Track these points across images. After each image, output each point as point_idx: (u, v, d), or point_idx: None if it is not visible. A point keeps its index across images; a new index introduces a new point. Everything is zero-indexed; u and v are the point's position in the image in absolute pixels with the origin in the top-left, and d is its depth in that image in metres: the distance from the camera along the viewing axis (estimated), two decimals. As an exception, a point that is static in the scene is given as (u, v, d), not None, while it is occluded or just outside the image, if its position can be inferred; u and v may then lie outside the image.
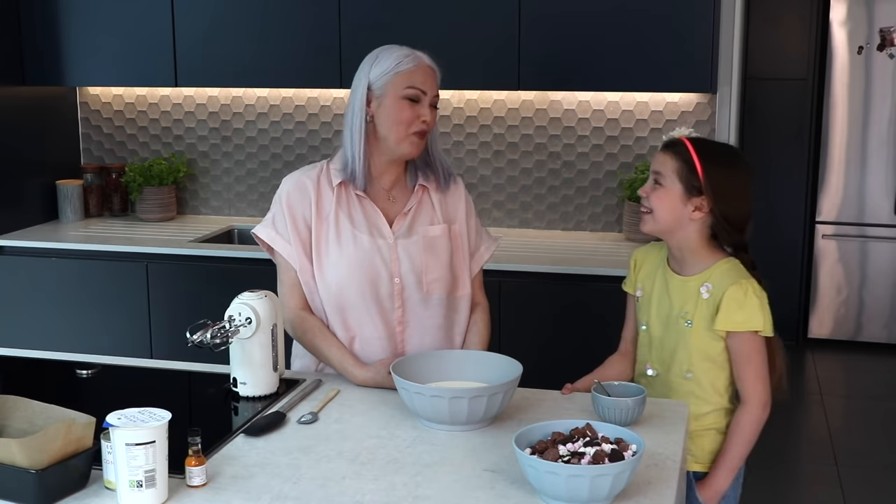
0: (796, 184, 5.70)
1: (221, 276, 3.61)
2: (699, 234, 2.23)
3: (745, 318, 2.17)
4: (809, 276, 5.70)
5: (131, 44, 3.89)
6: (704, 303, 2.21)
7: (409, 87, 2.29)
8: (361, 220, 2.34)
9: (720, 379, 2.26)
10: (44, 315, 3.82)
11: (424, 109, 2.30)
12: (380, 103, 2.30)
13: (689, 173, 2.19)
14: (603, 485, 1.64)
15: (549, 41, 3.51)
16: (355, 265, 2.31)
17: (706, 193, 2.18)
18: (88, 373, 2.37)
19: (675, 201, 2.20)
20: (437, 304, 2.38)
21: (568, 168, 3.90)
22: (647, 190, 2.24)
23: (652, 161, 2.28)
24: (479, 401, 1.96)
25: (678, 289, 2.26)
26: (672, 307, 2.26)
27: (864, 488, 3.93)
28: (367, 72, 2.32)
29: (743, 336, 2.20)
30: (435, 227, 2.39)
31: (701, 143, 2.24)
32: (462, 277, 2.43)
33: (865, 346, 5.65)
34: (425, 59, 2.33)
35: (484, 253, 2.51)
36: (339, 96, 4.04)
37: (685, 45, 3.42)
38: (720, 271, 2.22)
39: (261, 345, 2.18)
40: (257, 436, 1.97)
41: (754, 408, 2.23)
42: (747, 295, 2.17)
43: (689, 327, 2.23)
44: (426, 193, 2.42)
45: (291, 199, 2.35)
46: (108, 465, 1.72)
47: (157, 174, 4.09)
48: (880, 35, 5.34)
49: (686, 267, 2.26)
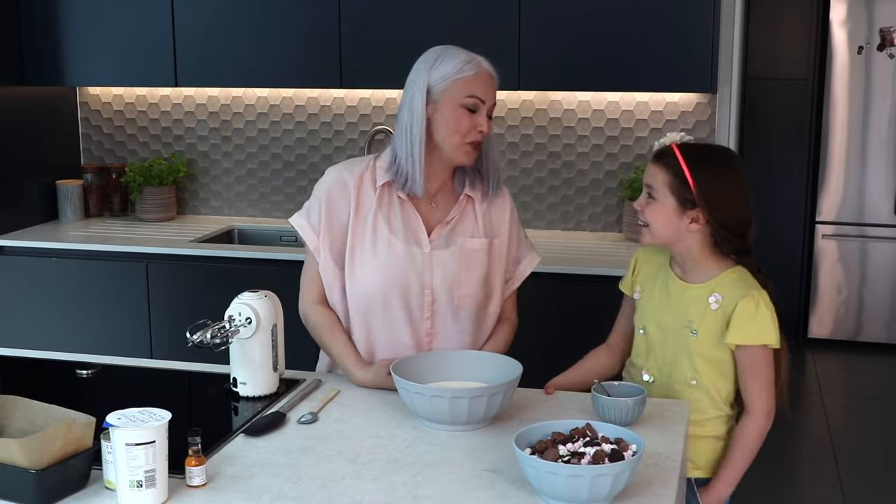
0: (796, 184, 5.71)
1: (221, 276, 3.61)
2: (701, 244, 2.19)
3: (756, 332, 2.14)
4: (809, 276, 5.71)
5: (131, 44, 3.89)
6: (713, 314, 2.17)
7: (469, 95, 2.22)
8: (399, 226, 2.28)
9: (724, 388, 2.23)
10: (44, 315, 3.82)
11: (482, 119, 2.24)
12: (436, 108, 2.23)
13: (680, 186, 2.14)
14: (603, 485, 1.63)
15: (549, 41, 3.51)
16: (386, 273, 2.26)
17: (700, 205, 2.13)
18: (88, 373, 2.37)
19: (670, 215, 2.16)
20: (466, 318, 2.33)
21: (568, 168, 3.90)
22: (642, 204, 2.20)
23: (644, 172, 2.23)
24: (479, 401, 1.96)
25: (682, 295, 2.22)
26: (675, 314, 2.23)
27: (864, 488, 3.94)
28: (427, 74, 2.23)
29: (753, 349, 2.16)
30: (475, 240, 2.33)
31: (691, 151, 2.17)
32: (495, 294, 2.37)
33: (865, 346, 5.65)
34: (486, 66, 2.27)
35: (525, 269, 2.44)
36: (339, 96, 4.04)
37: (685, 46, 3.42)
38: (728, 281, 2.18)
39: (261, 345, 2.18)
40: (257, 436, 1.97)
41: (759, 418, 2.20)
42: (759, 308, 2.13)
43: (694, 337, 2.19)
44: (470, 203, 2.35)
45: (330, 194, 2.30)
46: (108, 465, 1.72)
47: (157, 174, 4.09)
48: (880, 35, 5.35)
49: (691, 274, 2.23)
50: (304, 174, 4.13)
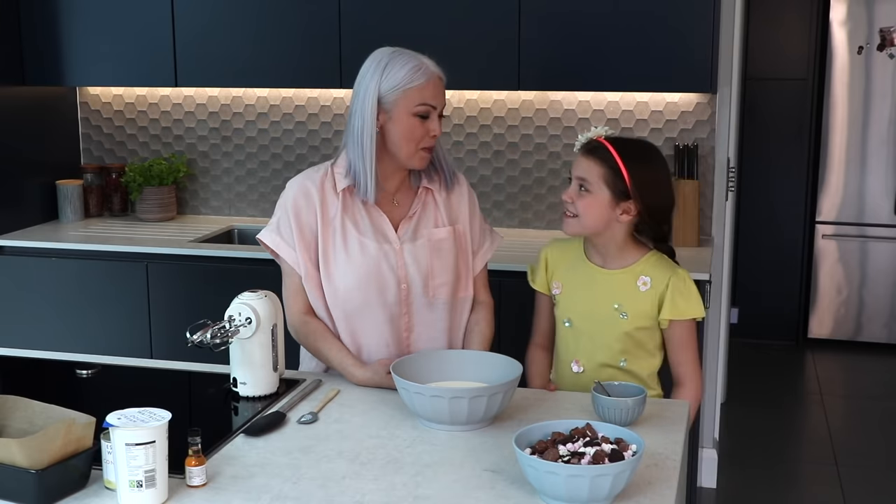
0: (796, 184, 5.71)
1: (221, 276, 3.61)
2: (625, 232, 2.30)
3: (687, 307, 2.28)
4: (809, 276, 5.70)
5: (131, 44, 3.89)
6: (643, 295, 2.28)
7: (421, 104, 2.25)
8: (367, 226, 2.32)
9: (652, 367, 2.35)
10: (44, 315, 3.81)
11: (434, 124, 2.28)
12: (389, 117, 2.26)
13: (615, 178, 2.24)
14: (603, 485, 1.64)
15: (549, 41, 3.51)
16: (363, 273, 2.29)
17: (634, 197, 2.24)
18: (88, 373, 2.37)
19: (603, 207, 2.26)
20: (441, 307, 2.37)
21: (568, 168, 3.89)
22: (573, 195, 2.28)
23: (574, 165, 2.31)
24: (479, 401, 1.96)
25: (605, 282, 2.32)
26: (601, 300, 2.31)
27: (864, 488, 3.94)
28: (377, 83, 2.26)
29: (684, 323, 2.30)
30: (440, 229, 2.38)
31: (621, 145, 2.28)
32: (465, 278, 2.42)
33: (865, 346, 5.65)
34: (434, 69, 2.29)
35: (487, 251, 2.49)
36: (338, 96, 4.04)
37: (685, 45, 3.42)
38: (652, 263, 2.31)
39: (261, 345, 2.18)
40: (257, 436, 1.97)
41: (693, 390, 2.33)
42: (686, 284, 2.29)
43: (624, 319, 2.29)
44: (430, 195, 2.40)
45: (297, 206, 2.32)
46: (108, 465, 1.72)
47: (157, 174, 4.09)
48: (880, 35, 5.35)
49: (610, 261, 2.33)
50: (304, 174, 4.13)
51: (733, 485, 3.91)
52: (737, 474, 3.99)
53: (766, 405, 4.82)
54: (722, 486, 3.87)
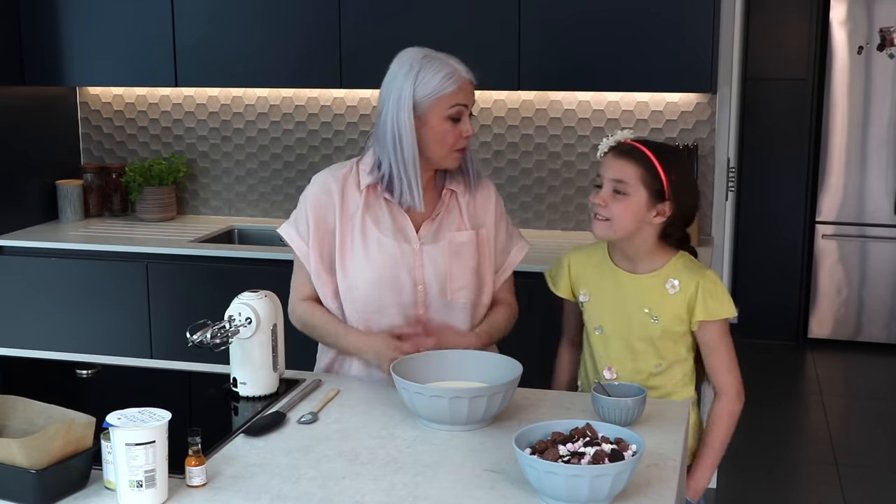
0: (796, 184, 5.71)
1: (221, 276, 3.61)
2: (655, 235, 2.27)
3: (718, 307, 2.24)
4: (809, 276, 5.70)
5: (131, 44, 3.89)
6: (672, 298, 2.25)
7: (453, 106, 2.24)
8: (388, 225, 2.31)
9: (685, 370, 2.33)
10: (44, 315, 3.82)
11: (466, 125, 2.27)
12: (423, 123, 2.25)
13: (652, 179, 2.20)
14: (603, 485, 1.64)
15: (549, 41, 3.51)
16: (379, 271, 2.29)
17: (670, 198, 2.21)
18: (88, 373, 2.37)
19: (639, 209, 2.22)
20: (461, 310, 2.35)
21: (568, 168, 3.90)
22: (607, 198, 2.23)
23: (605, 168, 2.25)
24: (479, 401, 1.96)
25: (635, 286, 2.28)
26: (632, 305, 2.28)
27: (864, 488, 3.94)
28: (410, 91, 2.23)
29: (716, 324, 2.26)
30: (462, 233, 2.35)
31: (653, 147, 2.25)
32: (487, 284, 2.40)
33: (865, 346, 5.65)
34: (465, 74, 2.27)
35: (515, 256, 2.47)
36: (338, 96, 4.04)
37: (685, 45, 3.42)
38: (679, 266, 2.27)
39: (261, 345, 2.18)
40: (257, 436, 1.97)
41: (731, 399, 2.30)
42: (716, 284, 2.25)
43: (655, 323, 2.26)
44: (454, 198, 2.38)
45: (318, 202, 2.32)
46: (108, 465, 1.72)
47: (157, 174, 4.09)
48: (880, 35, 5.35)
49: (639, 265, 2.30)
50: (304, 174, 4.13)
51: (733, 485, 3.91)
52: (737, 474, 3.99)
53: (766, 405, 4.82)
54: (722, 486, 3.87)
